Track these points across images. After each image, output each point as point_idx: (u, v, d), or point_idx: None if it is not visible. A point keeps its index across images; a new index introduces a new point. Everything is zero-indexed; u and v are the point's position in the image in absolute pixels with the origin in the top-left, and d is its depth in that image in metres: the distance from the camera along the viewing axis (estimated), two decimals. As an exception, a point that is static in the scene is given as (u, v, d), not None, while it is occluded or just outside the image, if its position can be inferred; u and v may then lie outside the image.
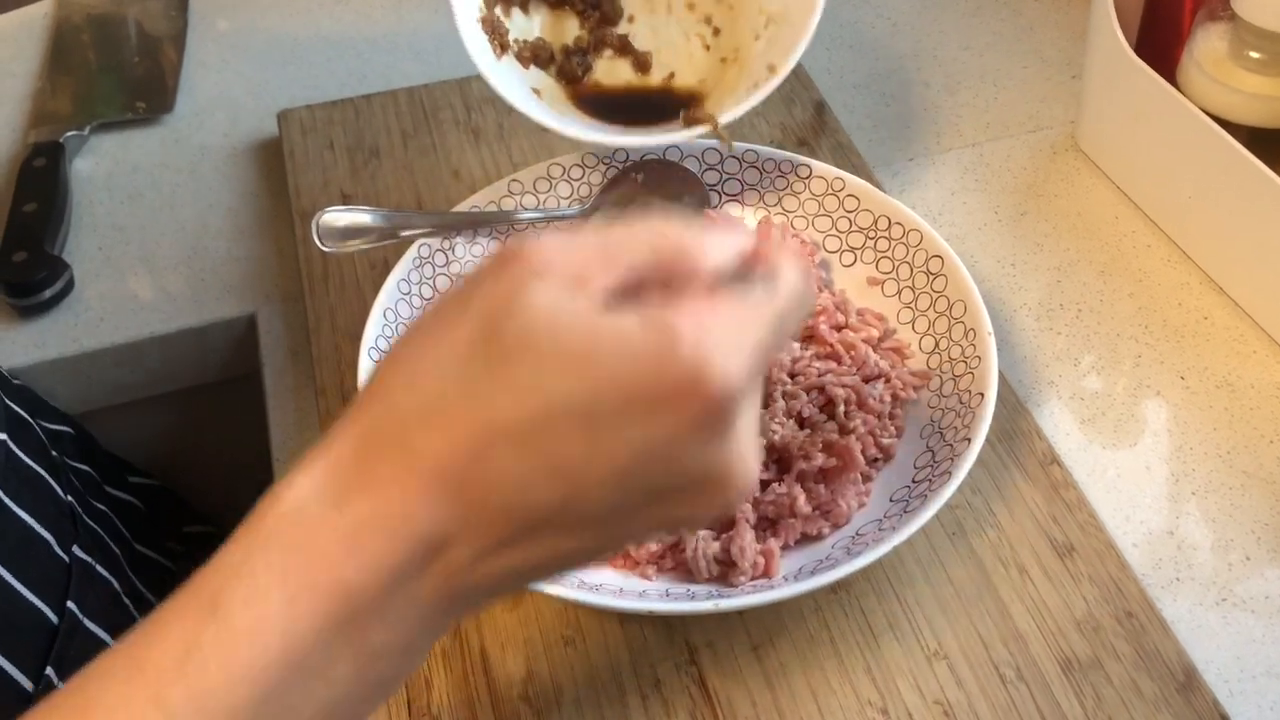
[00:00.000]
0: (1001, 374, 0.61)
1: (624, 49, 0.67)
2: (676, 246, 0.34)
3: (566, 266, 0.33)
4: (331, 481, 0.32)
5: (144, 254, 0.76)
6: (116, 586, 0.62)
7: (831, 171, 0.66)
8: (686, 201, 0.67)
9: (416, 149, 0.78)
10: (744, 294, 0.34)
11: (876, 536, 0.52)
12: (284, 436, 0.65)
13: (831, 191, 0.66)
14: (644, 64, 0.67)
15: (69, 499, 0.61)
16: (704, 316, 0.32)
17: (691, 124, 0.63)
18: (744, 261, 0.36)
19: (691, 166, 0.68)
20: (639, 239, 0.34)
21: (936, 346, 0.60)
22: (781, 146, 0.73)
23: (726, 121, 0.62)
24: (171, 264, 0.75)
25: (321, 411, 0.63)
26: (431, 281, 0.63)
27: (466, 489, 0.32)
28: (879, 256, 0.65)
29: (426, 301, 0.62)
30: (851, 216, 0.66)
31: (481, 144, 0.78)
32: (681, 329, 0.32)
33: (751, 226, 0.66)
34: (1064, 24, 0.88)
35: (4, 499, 0.56)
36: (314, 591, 0.31)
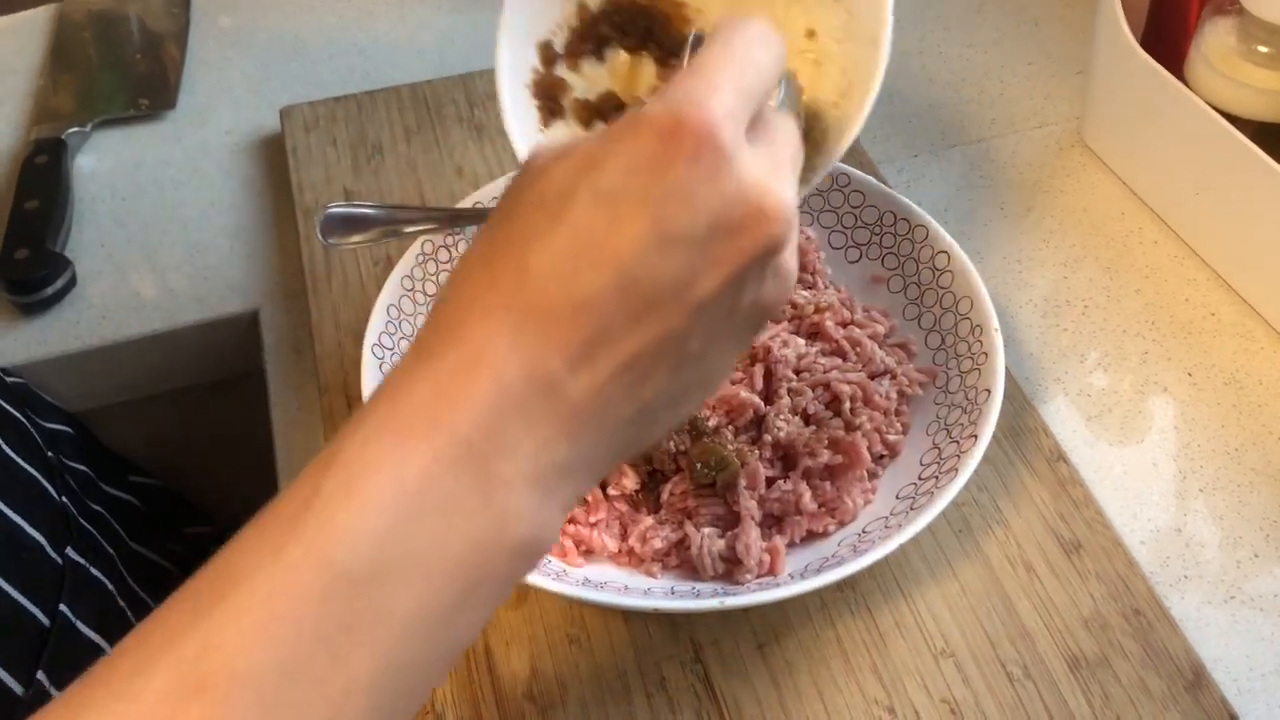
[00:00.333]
0: (1008, 370, 0.61)
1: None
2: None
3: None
4: (417, 346, 0.35)
5: (146, 251, 0.75)
6: (110, 588, 0.61)
7: (836, 167, 0.66)
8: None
9: (420, 145, 0.78)
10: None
11: (883, 534, 0.52)
12: (286, 434, 0.65)
13: (836, 187, 0.66)
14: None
15: (63, 500, 0.61)
16: (678, 83, 0.35)
17: None
18: None
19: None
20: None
21: (942, 343, 0.60)
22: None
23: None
24: (174, 261, 0.75)
25: (324, 409, 0.63)
26: (435, 278, 0.63)
27: (522, 301, 0.34)
28: (884, 253, 0.64)
29: (430, 299, 0.62)
30: (857, 212, 0.65)
31: (485, 140, 0.78)
32: (656, 101, 0.34)
33: None
34: (1070, 20, 0.88)
35: None
36: (414, 432, 0.32)
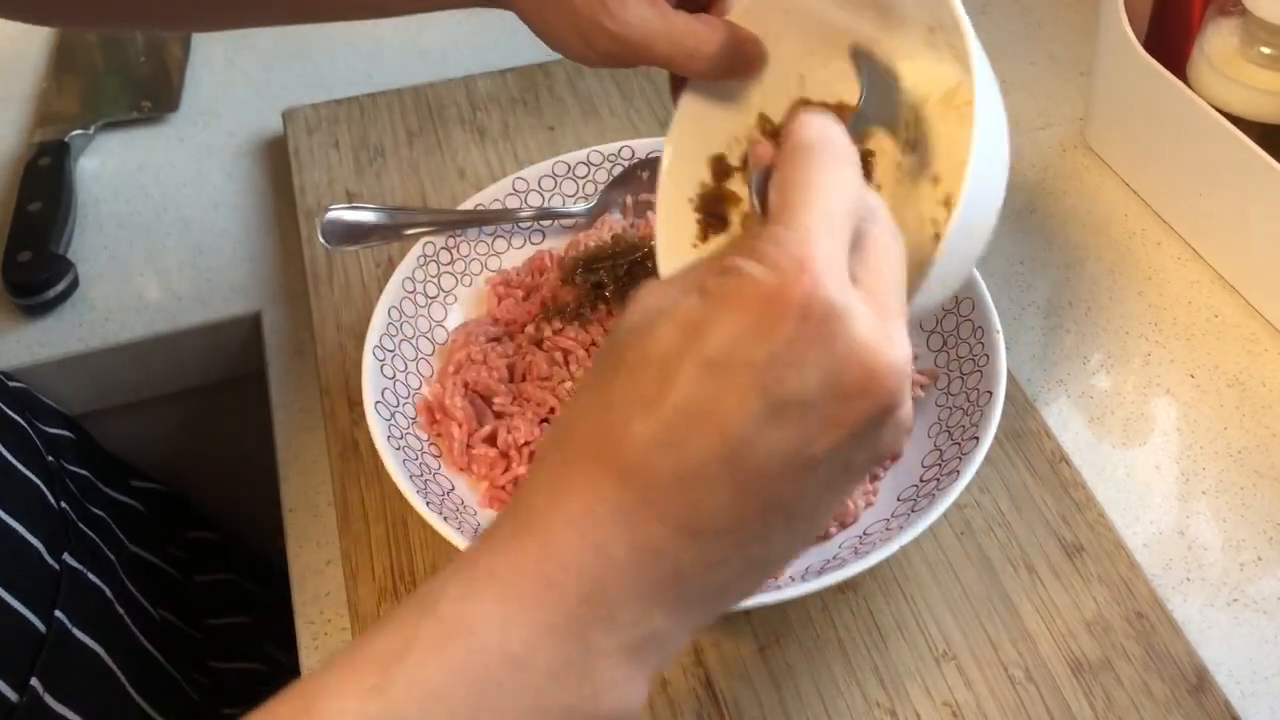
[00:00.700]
0: (1010, 372, 0.61)
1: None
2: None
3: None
4: (522, 501, 0.34)
5: (149, 253, 0.75)
6: (109, 594, 0.61)
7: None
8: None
9: (422, 148, 0.78)
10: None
11: (884, 536, 0.52)
12: (288, 435, 0.65)
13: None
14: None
15: (62, 506, 0.61)
16: (766, 237, 0.33)
17: None
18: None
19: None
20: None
21: (944, 344, 0.60)
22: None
23: None
24: (176, 263, 0.75)
25: (325, 410, 0.63)
26: (436, 280, 0.63)
27: (627, 469, 0.32)
28: (886, 254, 0.64)
29: (431, 300, 0.62)
30: (859, 214, 0.65)
31: (487, 142, 0.78)
32: (753, 259, 0.33)
33: None
34: (1073, 21, 0.88)
35: None
36: (516, 598, 0.32)
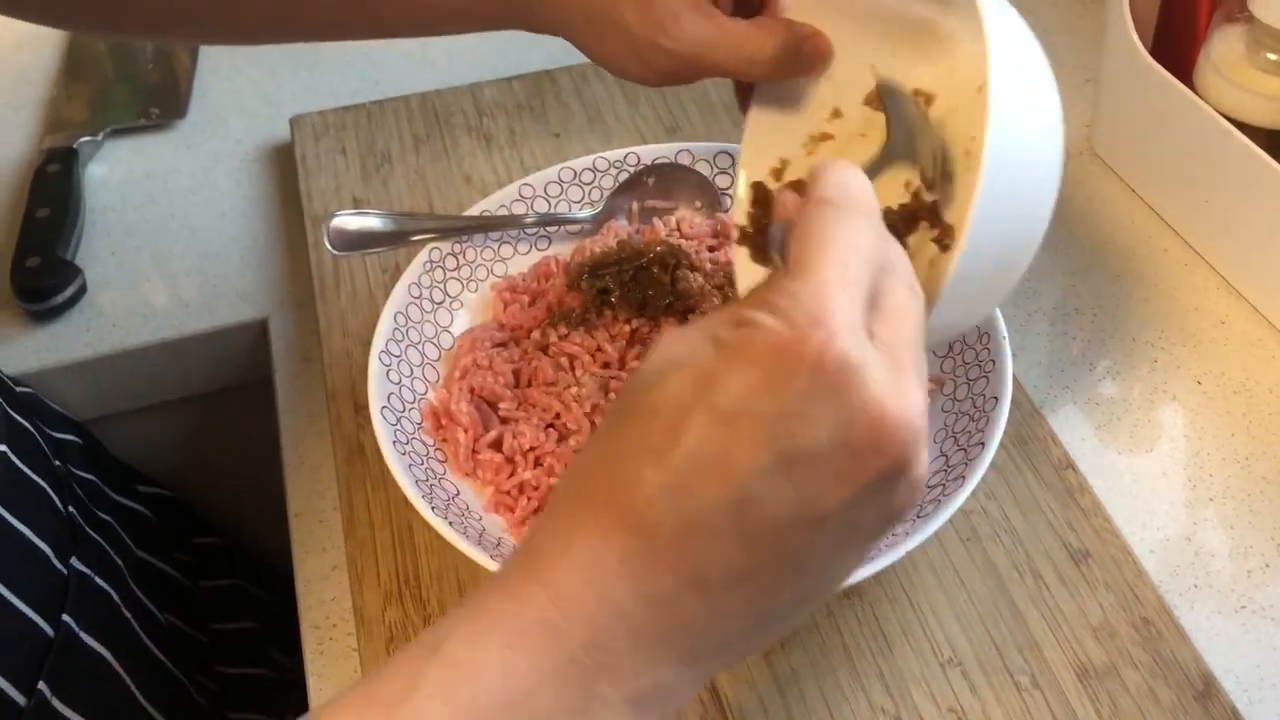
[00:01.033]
0: (1016, 378, 0.61)
1: (934, 220, 0.51)
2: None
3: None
4: (530, 545, 0.34)
5: (156, 259, 0.76)
6: (116, 598, 0.61)
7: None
8: (698, 205, 0.67)
9: (428, 154, 0.78)
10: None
11: (890, 541, 0.51)
12: (295, 441, 0.65)
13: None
14: (944, 243, 0.50)
15: (70, 510, 0.61)
16: (776, 290, 0.33)
17: None
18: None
19: (703, 170, 0.68)
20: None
21: (950, 350, 0.60)
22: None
23: None
24: (184, 269, 0.75)
25: (331, 415, 0.63)
26: (442, 285, 0.63)
27: (635, 517, 0.32)
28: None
29: (437, 306, 0.62)
30: (864, 220, 0.65)
31: (493, 149, 0.78)
32: (768, 311, 0.33)
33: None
34: (1079, 28, 0.88)
35: (1, 511, 0.55)
36: (521, 643, 0.32)
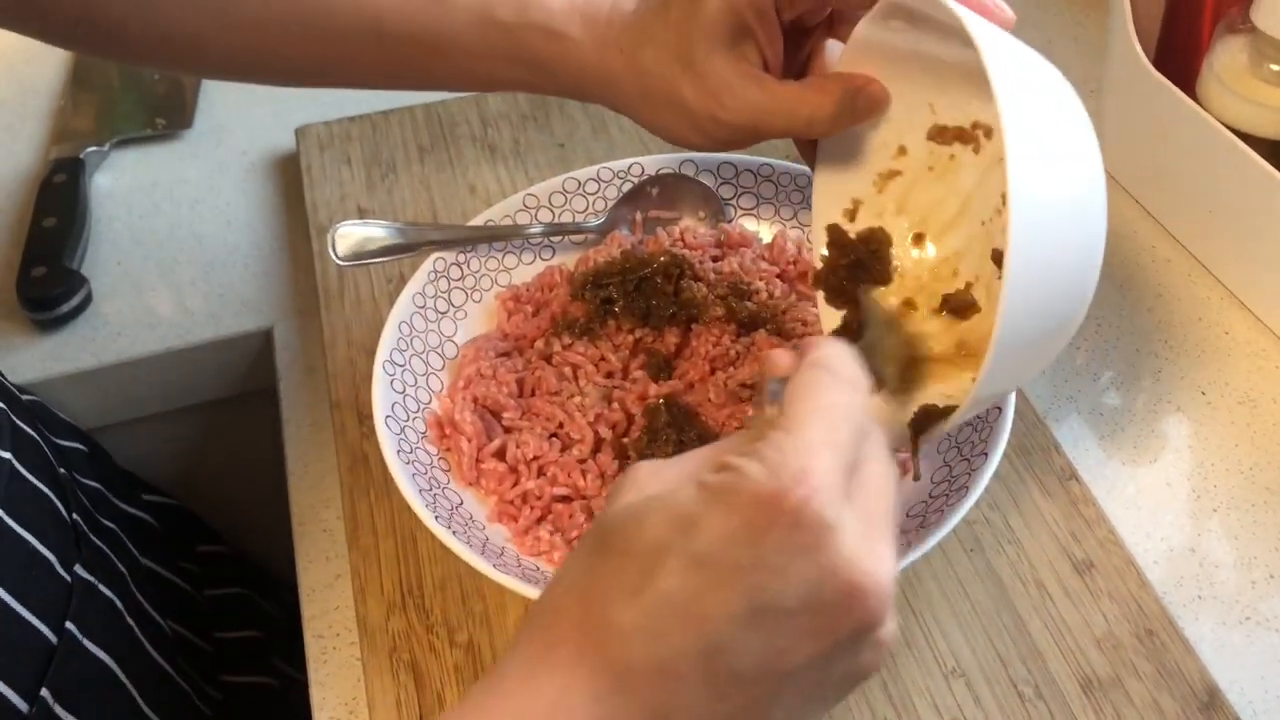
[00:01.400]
0: (1019, 388, 0.61)
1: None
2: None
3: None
4: (502, 672, 0.35)
5: (162, 269, 0.76)
6: (120, 605, 0.61)
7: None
8: (701, 216, 0.67)
9: (433, 164, 0.78)
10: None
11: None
12: (299, 450, 0.65)
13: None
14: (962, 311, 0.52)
15: (74, 517, 0.61)
16: (769, 445, 0.34)
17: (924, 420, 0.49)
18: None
19: (707, 181, 0.68)
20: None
21: (954, 361, 0.60)
22: (797, 160, 0.73)
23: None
24: (189, 279, 0.75)
25: (336, 425, 0.63)
26: (447, 295, 0.63)
27: (606, 655, 0.33)
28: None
29: (441, 316, 0.62)
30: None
31: (498, 159, 0.78)
32: (754, 461, 0.33)
33: (767, 240, 0.66)
34: (1082, 39, 0.88)
35: (5, 518, 0.55)
36: None
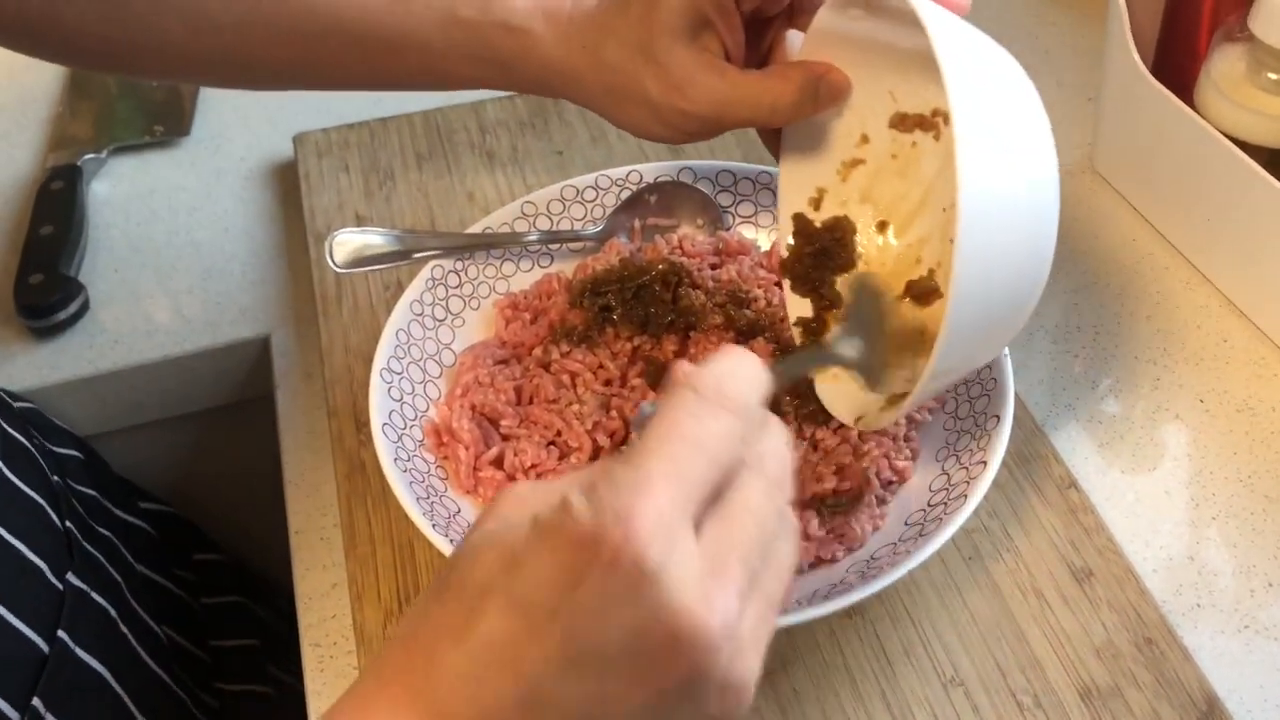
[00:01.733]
0: (1018, 396, 0.61)
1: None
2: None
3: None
4: (340, 702, 0.35)
5: (159, 276, 0.76)
6: (113, 614, 0.61)
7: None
8: (700, 223, 0.67)
9: (431, 172, 0.78)
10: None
11: (891, 560, 0.51)
12: (296, 458, 0.65)
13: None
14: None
15: (67, 525, 0.61)
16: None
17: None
18: None
19: (705, 188, 0.68)
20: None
21: (952, 369, 0.60)
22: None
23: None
24: (186, 286, 0.75)
25: (333, 433, 0.63)
26: (444, 303, 0.63)
27: (427, 700, 0.33)
28: (894, 278, 0.64)
29: (439, 323, 0.62)
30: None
31: (496, 167, 0.78)
32: (585, 499, 0.32)
33: (765, 248, 0.66)
34: (1080, 47, 0.88)
35: None
36: None
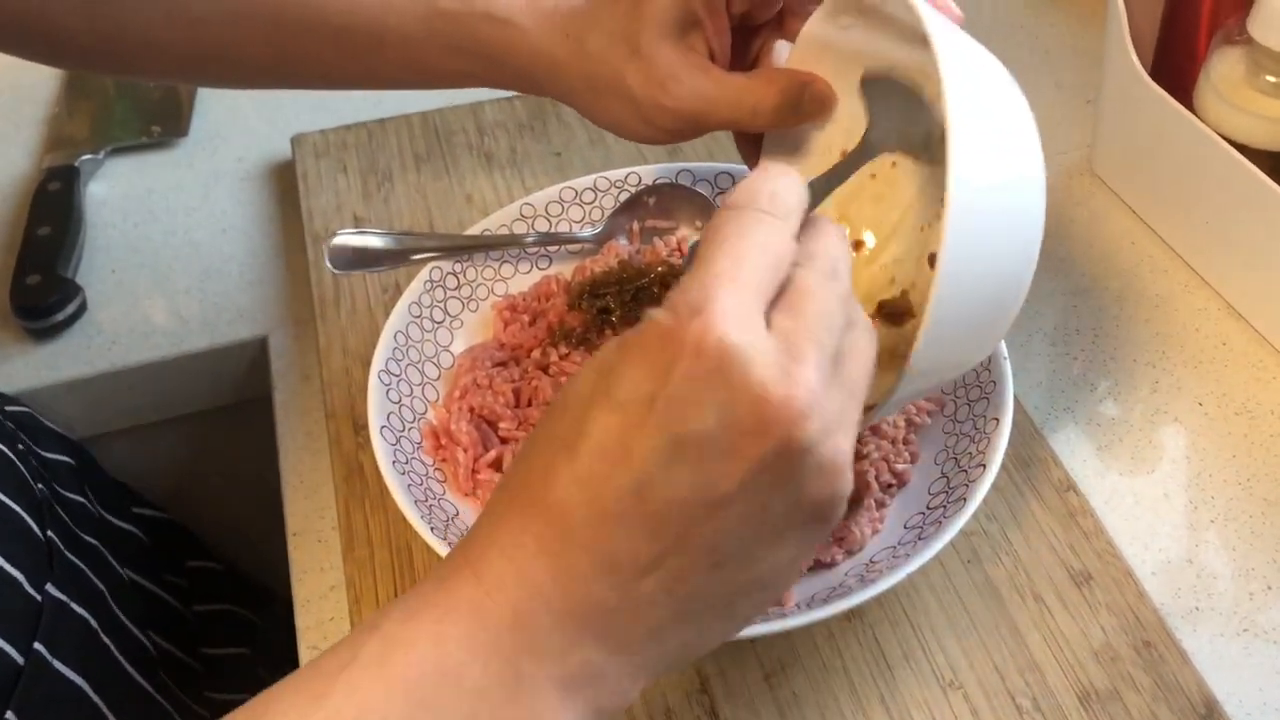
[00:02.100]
0: (1017, 399, 0.61)
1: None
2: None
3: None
4: (465, 540, 0.36)
5: (157, 277, 0.76)
6: (94, 624, 0.60)
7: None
8: (698, 225, 0.67)
9: (429, 173, 0.78)
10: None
11: (891, 564, 0.51)
12: (294, 460, 0.65)
13: (845, 215, 0.66)
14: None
15: (49, 534, 0.60)
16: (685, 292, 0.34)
17: None
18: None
19: (704, 190, 0.68)
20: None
21: (951, 371, 0.60)
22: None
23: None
24: (184, 287, 0.75)
25: (331, 435, 0.63)
26: (443, 305, 0.63)
27: (548, 507, 0.34)
28: (893, 281, 0.64)
29: (437, 325, 0.62)
30: (865, 240, 0.65)
31: (494, 168, 0.78)
32: (664, 305, 0.34)
33: None
34: (1080, 49, 0.88)
35: None
36: (452, 619, 0.34)
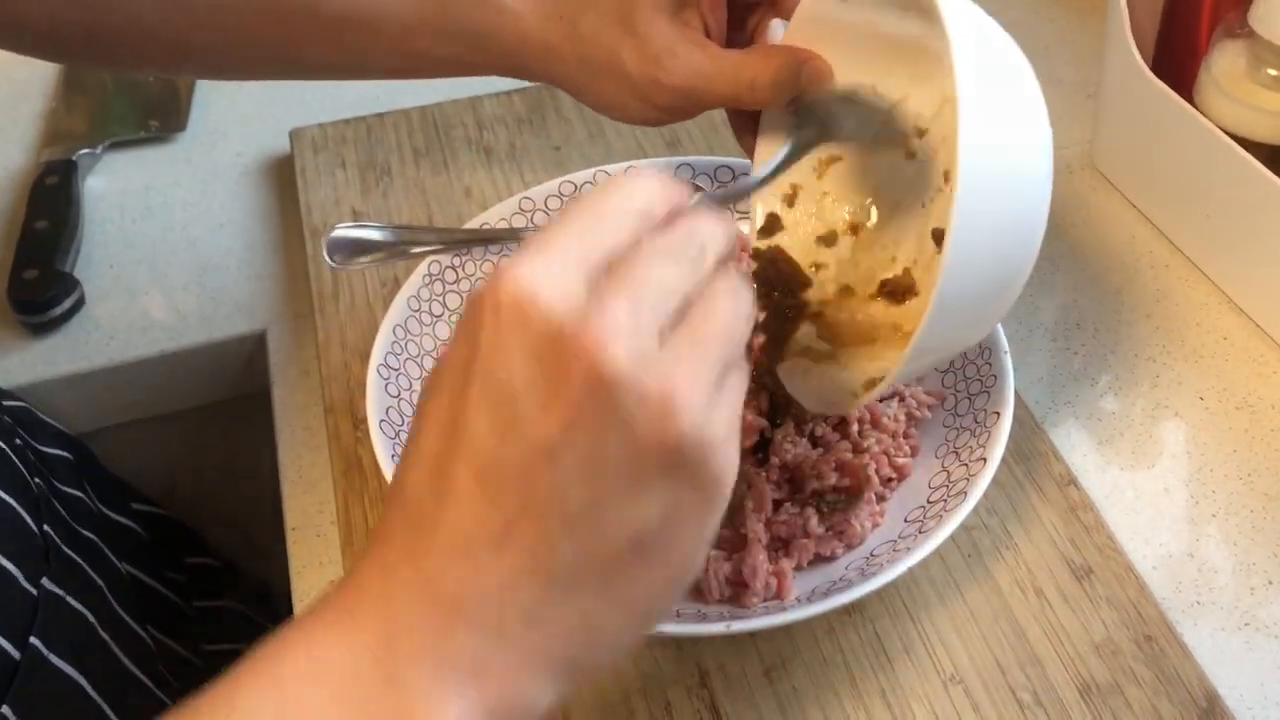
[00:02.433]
0: (1018, 393, 0.60)
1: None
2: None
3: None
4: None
5: (155, 272, 0.75)
6: (91, 619, 0.60)
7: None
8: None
9: (428, 167, 0.78)
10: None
11: (891, 557, 0.51)
12: (292, 454, 0.64)
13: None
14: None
15: (45, 529, 0.60)
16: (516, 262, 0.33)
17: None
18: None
19: (703, 184, 0.67)
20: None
21: (951, 365, 0.60)
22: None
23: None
24: (182, 282, 0.75)
25: (329, 429, 0.63)
26: (442, 298, 0.63)
27: (401, 496, 0.34)
28: (893, 275, 0.64)
29: (436, 319, 0.62)
30: (865, 234, 0.65)
31: (493, 162, 0.78)
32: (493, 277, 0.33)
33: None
34: (1080, 44, 0.88)
35: None
36: (330, 615, 0.33)
